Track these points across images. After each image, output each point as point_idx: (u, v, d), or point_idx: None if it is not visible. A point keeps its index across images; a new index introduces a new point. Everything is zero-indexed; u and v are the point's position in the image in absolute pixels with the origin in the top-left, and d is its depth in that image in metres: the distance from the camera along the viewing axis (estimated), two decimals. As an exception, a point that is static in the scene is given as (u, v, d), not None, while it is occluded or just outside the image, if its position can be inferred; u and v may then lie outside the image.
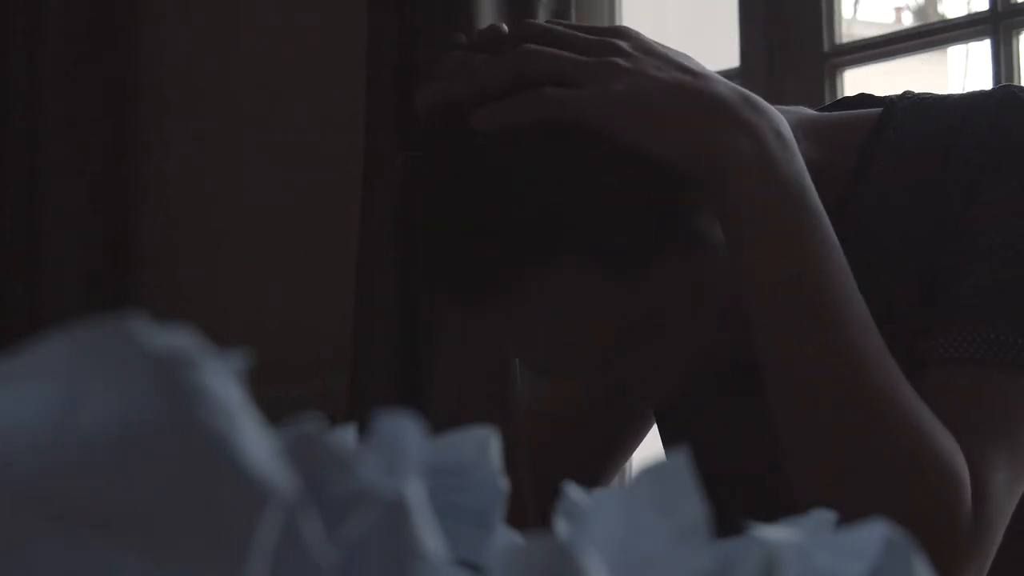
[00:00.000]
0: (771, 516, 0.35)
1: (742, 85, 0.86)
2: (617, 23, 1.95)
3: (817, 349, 0.75)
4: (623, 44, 0.78)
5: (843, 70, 1.78)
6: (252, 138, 2.34)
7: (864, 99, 0.95)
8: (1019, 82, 1.67)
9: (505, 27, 0.83)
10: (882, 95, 0.93)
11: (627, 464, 1.12)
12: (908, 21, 7.64)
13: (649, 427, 1.08)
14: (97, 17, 2.49)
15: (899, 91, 0.93)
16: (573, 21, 1.85)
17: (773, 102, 0.83)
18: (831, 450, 0.75)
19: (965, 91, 1.15)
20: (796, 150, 0.77)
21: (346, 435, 0.31)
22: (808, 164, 0.80)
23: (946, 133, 0.84)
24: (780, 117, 0.78)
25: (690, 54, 0.82)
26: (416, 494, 0.27)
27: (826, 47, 1.75)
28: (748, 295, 0.77)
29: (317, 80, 2.24)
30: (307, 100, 2.25)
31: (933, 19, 5.77)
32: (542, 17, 1.84)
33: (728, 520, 0.50)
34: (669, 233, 0.78)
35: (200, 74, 2.46)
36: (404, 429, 0.29)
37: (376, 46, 1.92)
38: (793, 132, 0.80)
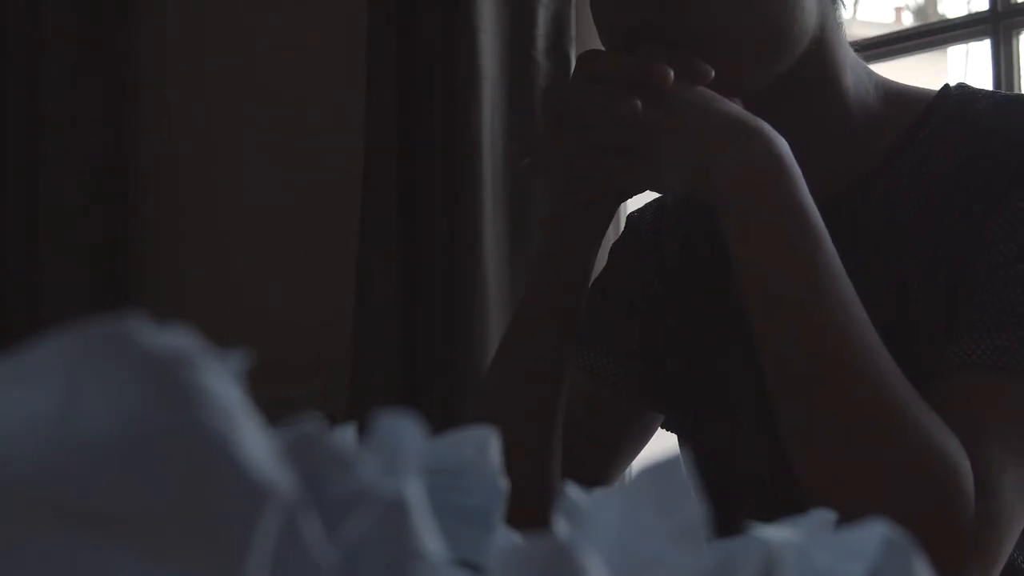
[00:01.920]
0: (771, 516, 0.35)
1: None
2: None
3: (812, 353, 0.76)
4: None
5: (843, 70, 1.78)
6: (252, 138, 2.34)
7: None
8: (1019, 82, 1.67)
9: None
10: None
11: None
12: (908, 21, 7.64)
13: (653, 432, 1.08)
14: (97, 18, 2.49)
15: None
16: (573, 19, 1.85)
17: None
18: (831, 451, 0.75)
19: (1015, 92, 1.19)
20: (793, 170, 0.80)
21: (346, 435, 0.31)
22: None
23: (987, 131, 0.87)
24: (778, 140, 0.79)
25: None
26: (416, 494, 0.27)
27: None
28: (748, 304, 0.78)
29: (317, 80, 2.24)
30: (307, 100, 2.25)
31: (933, 19, 5.77)
32: (542, 16, 1.84)
33: (729, 520, 0.50)
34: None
35: (200, 74, 2.46)
36: (404, 429, 0.29)
37: (376, 46, 1.92)
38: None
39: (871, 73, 0.95)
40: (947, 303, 0.84)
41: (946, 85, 0.95)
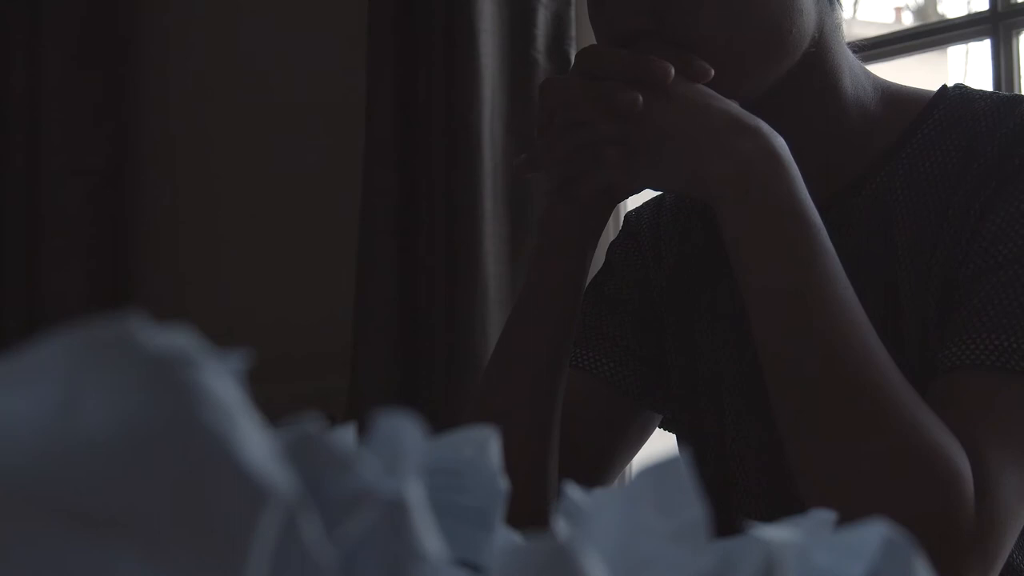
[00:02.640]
0: (771, 516, 0.35)
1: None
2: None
3: (808, 352, 0.75)
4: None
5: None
6: (252, 138, 2.34)
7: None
8: (1019, 82, 1.67)
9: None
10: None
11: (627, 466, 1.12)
12: (908, 21, 7.65)
13: (651, 431, 1.08)
14: (97, 18, 2.49)
15: None
16: (573, 19, 1.85)
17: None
18: (827, 451, 0.75)
19: (1012, 92, 1.19)
20: (791, 168, 0.80)
21: (346, 435, 0.31)
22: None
23: (984, 131, 0.87)
24: (776, 138, 0.79)
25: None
26: (416, 494, 0.27)
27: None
28: (746, 302, 0.78)
29: (317, 80, 2.24)
30: (307, 100, 2.25)
31: (933, 19, 5.78)
32: (542, 16, 1.84)
33: (729, 520, 0.50)
34: None
35: (200, 74, 2.46)
36: (404, 429, 0.29)
37: (376, 46, 1.92)
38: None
39: (869, 74, 0.95)
40: (943, 303, 0.84)
41: (944, 86, 0.95)
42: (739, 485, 0.95)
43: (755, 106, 0.84)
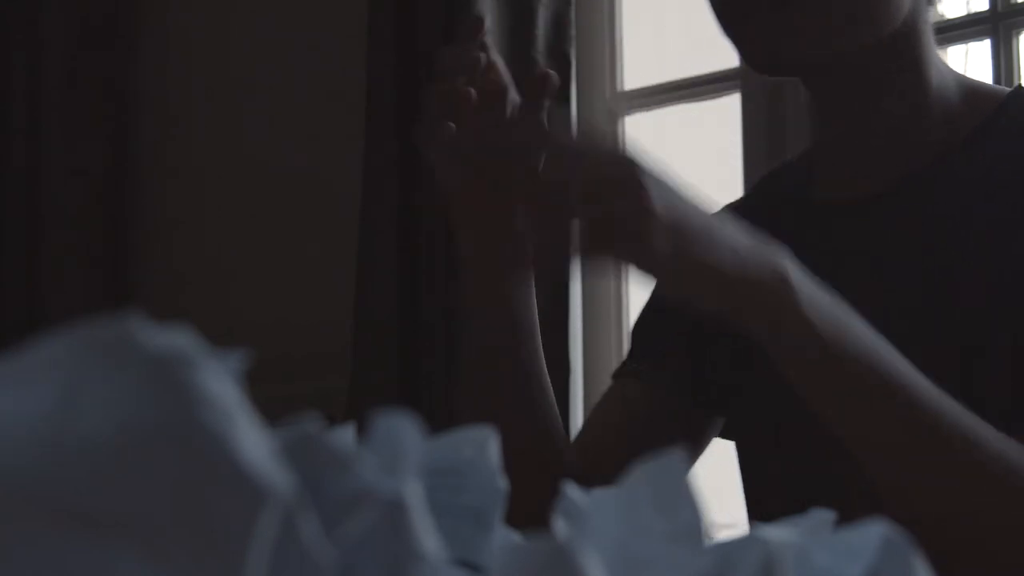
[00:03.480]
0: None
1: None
2: (616, 24, 1.94)
3: (903, 455, 0.76)
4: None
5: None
6: (252, 138, 2.34)
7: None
8: (1019, 82, 1.67)
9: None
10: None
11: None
12: (908, 21, 7.63)
13: (708, 442, 1.08)
14: (97, 18, 2.49)
15: None
16: (573, 20, 1.85)
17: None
18: (949, 530, 0.75)
19: None
20: (802, 287, 0.76)
21: (346, 435, 0.31)
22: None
23: None
24: (783, 254, 0.77)
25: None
26: (415, 494, 0.27)
27: (826, 47, 1.75)
28: (823, 417, 0.79)
29: (317, 80, 2.25)
30: (307, 99, 2.25)
31: (933, 19, 5.76)
32: (542, 16, 1.84)
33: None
34: None
35: (201, 74, 2.46)
36: (404, 429, 0.29)
37: (376, 45, 1.92)
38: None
39: (952, 71, 0.97)
40: (1012, 302, 0.83)
41: (1019, 85, 0.96)
42: (789, 490, 0.95)
43: (841, 84, 0.89)
